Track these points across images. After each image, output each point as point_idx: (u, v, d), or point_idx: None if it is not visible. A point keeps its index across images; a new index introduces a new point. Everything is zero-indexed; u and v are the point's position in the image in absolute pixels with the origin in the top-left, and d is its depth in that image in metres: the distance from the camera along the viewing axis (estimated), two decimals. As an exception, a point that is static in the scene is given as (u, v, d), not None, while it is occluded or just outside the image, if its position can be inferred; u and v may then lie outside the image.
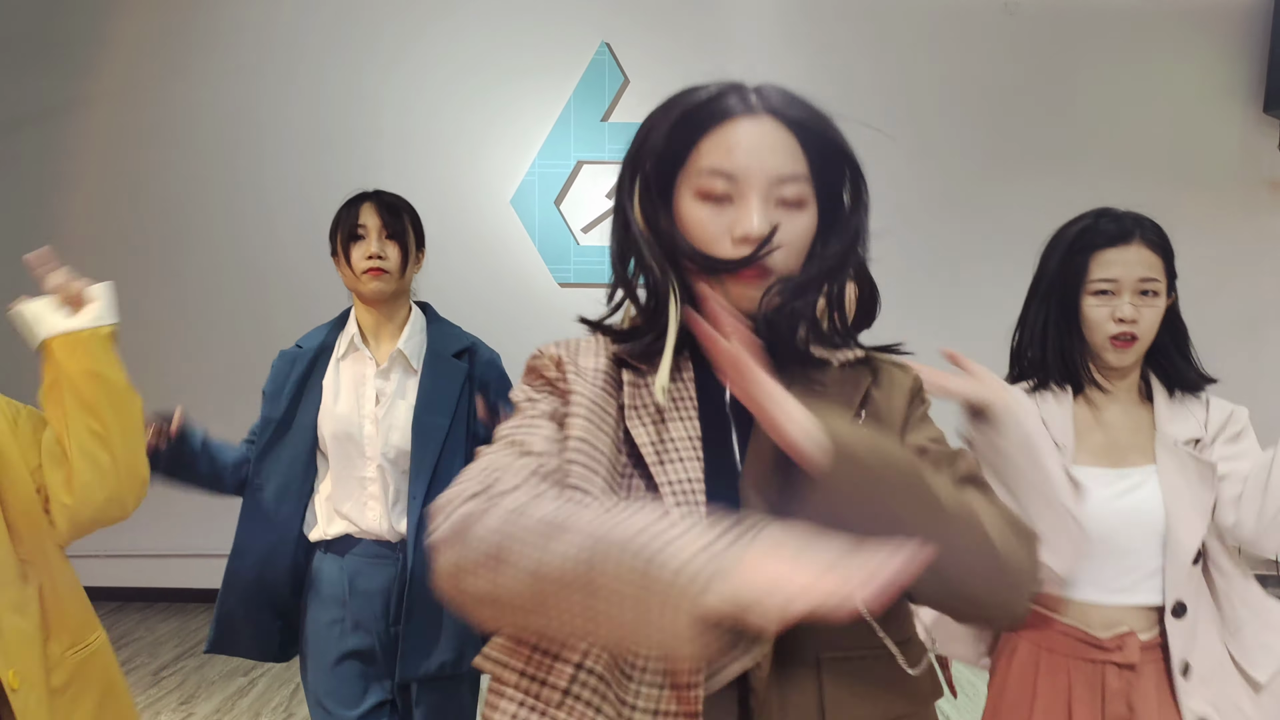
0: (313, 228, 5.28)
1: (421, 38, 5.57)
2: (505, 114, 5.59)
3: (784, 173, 1.13)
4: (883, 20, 5.61)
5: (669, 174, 1.17)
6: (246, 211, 5.57)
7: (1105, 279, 1.80)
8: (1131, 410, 1.89)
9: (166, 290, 5.49)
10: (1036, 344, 1.88)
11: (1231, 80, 5.63)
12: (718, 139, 1.14)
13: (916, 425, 1.20)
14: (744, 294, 1.13)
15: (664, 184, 1.17)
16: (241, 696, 4.15)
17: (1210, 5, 5.61)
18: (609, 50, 5.56)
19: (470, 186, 5.56)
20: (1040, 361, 1.88)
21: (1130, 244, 1.82)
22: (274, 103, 5.58)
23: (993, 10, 5.62)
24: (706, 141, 1.14)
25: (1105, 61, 5.65)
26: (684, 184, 1.16)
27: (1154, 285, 1.81)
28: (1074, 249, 1.84)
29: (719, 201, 1.13)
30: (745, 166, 1.12)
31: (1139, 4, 5.60)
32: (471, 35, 5.57)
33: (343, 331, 2.41)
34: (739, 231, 1.11)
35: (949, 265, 5.59)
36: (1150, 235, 1.84)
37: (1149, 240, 1.83)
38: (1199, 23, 5.63)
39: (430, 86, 5.58)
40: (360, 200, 2.36)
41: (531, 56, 5.57)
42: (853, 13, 5.60)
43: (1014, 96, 5.64)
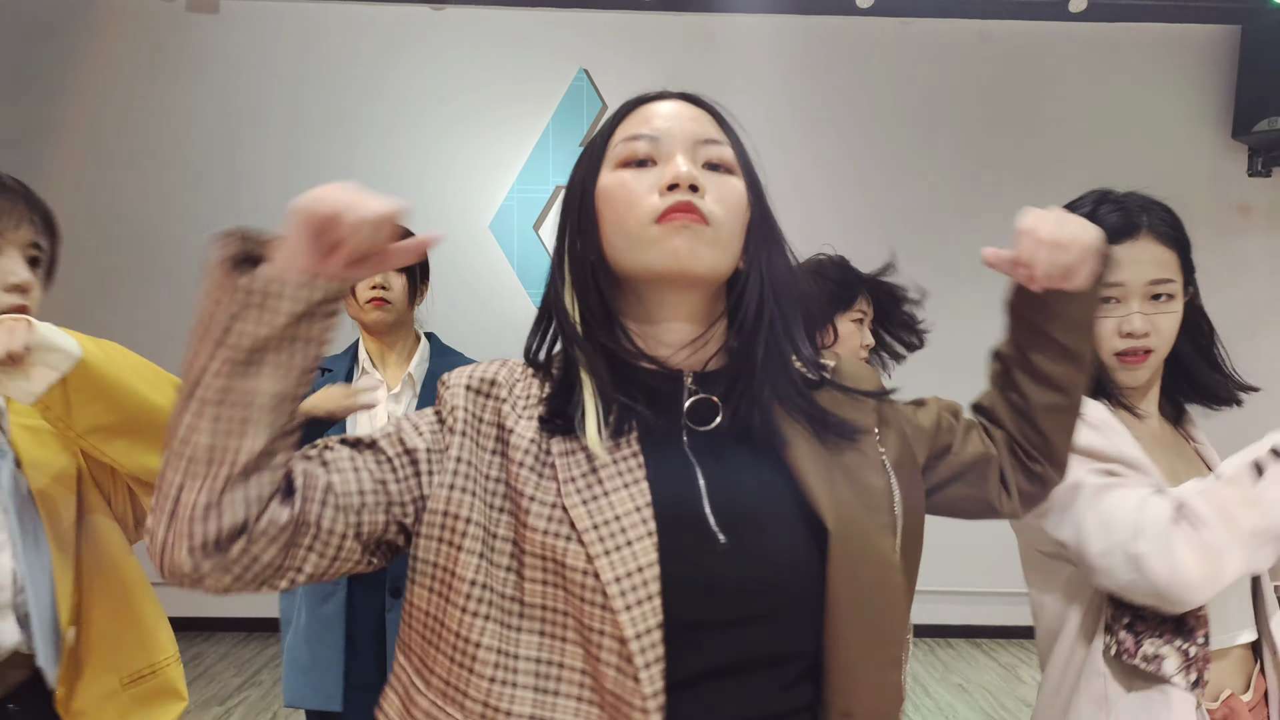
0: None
1: (401, 62, 5.61)
2: (484, 139, 5.63)
3: (708, 135, 1.08)
4: (859, 46, 5.69)
5: (589, 178, 1.11)
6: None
7: (1108, 284, 1.46)
8: (1166, 432, 1.62)
9: (141, 312, 5.45)
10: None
11: (1201, 106, 5.75)
12: (635, 116, 1.10)
13: (919, 409, 1.23)
14: (677, 252, 1.01)
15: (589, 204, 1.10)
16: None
17: (1180, 34, 5.73)
18: (587, 76, 5.61)
19: (449, 211, 5.58)
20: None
21: (1138, 238, 1.52)
22: (251, 126, 5.59)
23: (967, 37, 5.72)
24: (624, 124, 1.10)
25: (1077, 87, 5.75)
26: (603, 173, 1.09)
27: (1168, 288, 1.51)
28: None
29: (641, 165, 1.06)
30: (667, 129, 1.07)
31: (1110, 32, 5.71)
32: (450, 60, 5.62)
33: (355, 359, 2.47)
34: (667, 177, 1.03)
35: (926, 285, 5.65)
36: (1161, 225, 1.55)
37: (1159, 232, 1.54)
38: (1169, 51, 5.75)
39: (409, 111, 5.61)
40: None
41: (510, 82, 5.62)
42: (829, 38, 5.68)
43: (988, 121, 5.74)
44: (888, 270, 2.49)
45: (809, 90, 5.66)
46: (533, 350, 1.13)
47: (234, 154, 5.59)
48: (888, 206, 5.65)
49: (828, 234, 5.72)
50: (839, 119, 5.65)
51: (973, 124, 5.72)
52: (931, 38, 5.72)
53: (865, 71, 5.70)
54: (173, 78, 5.58)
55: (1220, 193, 5.75)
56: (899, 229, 5.56)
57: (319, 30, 5.60)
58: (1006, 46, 5.74)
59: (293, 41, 5.60)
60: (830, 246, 2.69)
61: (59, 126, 5.54)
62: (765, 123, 5.50)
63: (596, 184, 1.09)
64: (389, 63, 5.61)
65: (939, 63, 5.72)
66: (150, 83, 5.57)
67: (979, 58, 5.73)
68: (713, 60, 5.63)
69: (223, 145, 5.59)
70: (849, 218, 5.63)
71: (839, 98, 5.67)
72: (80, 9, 5.52)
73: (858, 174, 5.70)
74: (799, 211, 5.38)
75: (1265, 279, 5.77)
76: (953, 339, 4.65)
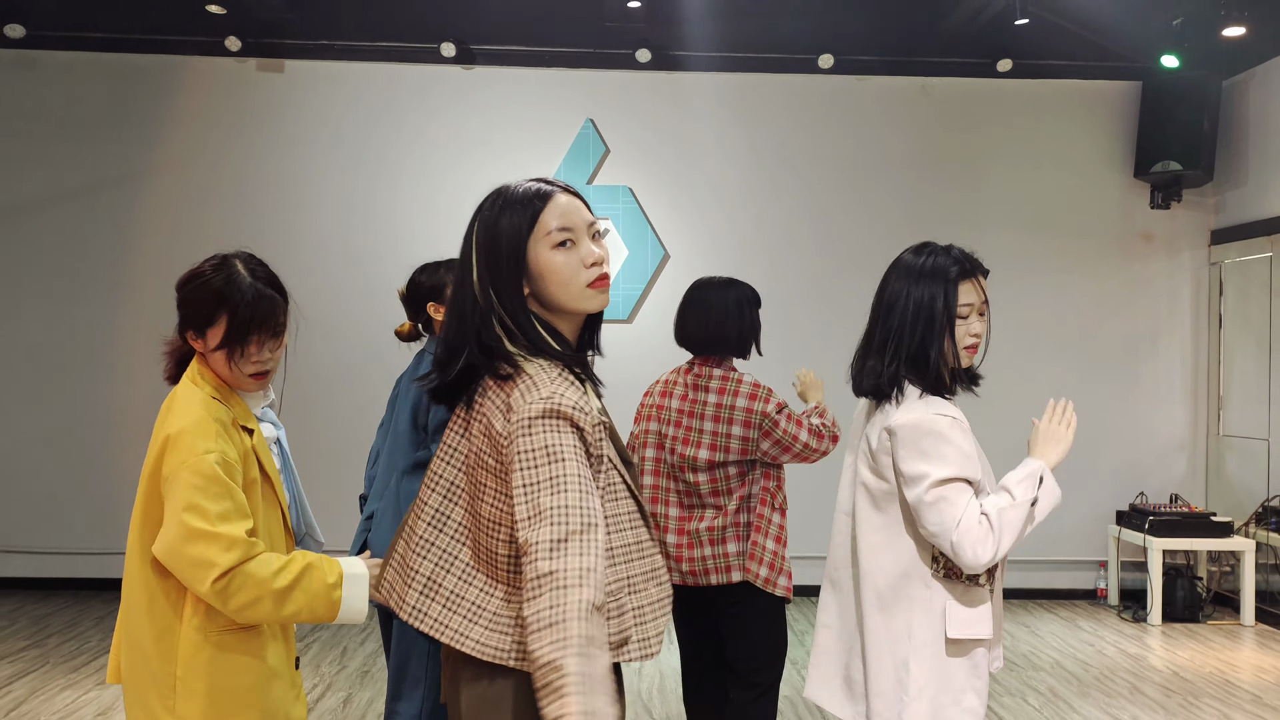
0: (344, 273, 6.32)
1: (436, 113, 6.61)
2: (506, 177, 6.57)
3: (590, 218, 1.73)
4: (815, 99, 6.69)
5: (520, 248, 1.67)
6: (289, 263, 6.54)
7: (962, 304, 2.27)
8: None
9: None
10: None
11: (1109, 150, 6.74)
12: (551, 208, 1.69)
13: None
14: (603, 301, 1.71)
15: (518, 256, 1.66)
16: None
17: (1091, 89, 6.74)
18: (593, 125, 6.62)
19: (477, 239, 6.58)
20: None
21: (977, 276, 2.31)
22: (313, 171, 6.58)
23: (911, 91, 6.73)
24: (544, 213, 1.68)
25: (1006, 134, 6.75)
26: (535, 248, 1.67)
27: (986, 307, 2.33)
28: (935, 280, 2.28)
29: (563, 244, 1.67)
30: (575, 221, 1.69)
31: (1034, 88, 6.72)
32: (478, 111, 6.61)
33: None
34: (590, 258, 1.68)
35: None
36: (982, 268, 2.32)
37: (983, 272, 2.32)
38: (1083, 104, 6.75)
39: (443, 154, 6.61)
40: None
41: (528, 131, 6.62)
42: (789, 93, 6.68)
43: (931, 162, 6.72)
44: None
45: (777, 136, 6.66)
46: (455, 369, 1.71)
47: (292, 193, 6.58)
48: (844, 237, 6.64)
49: (792, 262, 6.97)
50: (797, 160, 6.66)
51: (918, 165, 6.71)
52: (882, 92, 6.73)
53: (825, 120, 6.70)
54: (243, 127, 6.58)
55: (1126, 223, 6.75)
56: (855, 256, 6.58)
57: (366, 86, 6.61)
58: (946, 99, 6.75)
59: (344, 96, 6.61)
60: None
61: (150, 170, 6.52)
62: (738, 164, 6.95)
63: (532, 254, 1.68)
64: (425, 113, 6.61)
65: (888, 113, 6.73)
66: (224, 132, 6.56)
67: (923, 109, 6.74)
68: (695, 112, 6.62)
69: (283, 185, 6.57)
70: (810, 248, 6.64)
71: (802, 142, 6.67)
72: (170, 68, 6.52)
73: (817, 208, 6.68)
74: (765, 243, 6.86)
75: (1164, 295, 6.77)
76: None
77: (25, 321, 6.46)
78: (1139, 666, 5.21)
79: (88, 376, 6.45)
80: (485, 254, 1.67)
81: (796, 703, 4.53)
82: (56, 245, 6.47)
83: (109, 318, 6.45)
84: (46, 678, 4.72)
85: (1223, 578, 6.48)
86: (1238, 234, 6.50)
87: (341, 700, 4.49)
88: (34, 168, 6.47)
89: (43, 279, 6.46)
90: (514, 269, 1.66)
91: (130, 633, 1.97)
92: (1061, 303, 6.68)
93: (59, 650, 5.16)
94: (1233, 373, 6.61)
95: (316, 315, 6.43)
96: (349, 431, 6.35)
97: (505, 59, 6.61)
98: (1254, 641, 5.72)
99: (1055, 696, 4.71)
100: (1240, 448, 6.49)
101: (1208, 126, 6.34)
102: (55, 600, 6.17)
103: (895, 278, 2.34)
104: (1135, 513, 6.32)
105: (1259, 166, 6.38)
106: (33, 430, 6.44)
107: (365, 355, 6.34)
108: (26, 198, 6.47)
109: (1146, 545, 6.10)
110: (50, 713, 4.26)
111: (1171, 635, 5.83)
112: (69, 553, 6.40)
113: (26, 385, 6.46)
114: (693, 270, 6.49)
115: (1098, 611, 6.37)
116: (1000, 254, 6.67)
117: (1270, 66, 6.27)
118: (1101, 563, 6.66)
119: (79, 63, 6.49)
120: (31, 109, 6.47)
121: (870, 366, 2.33)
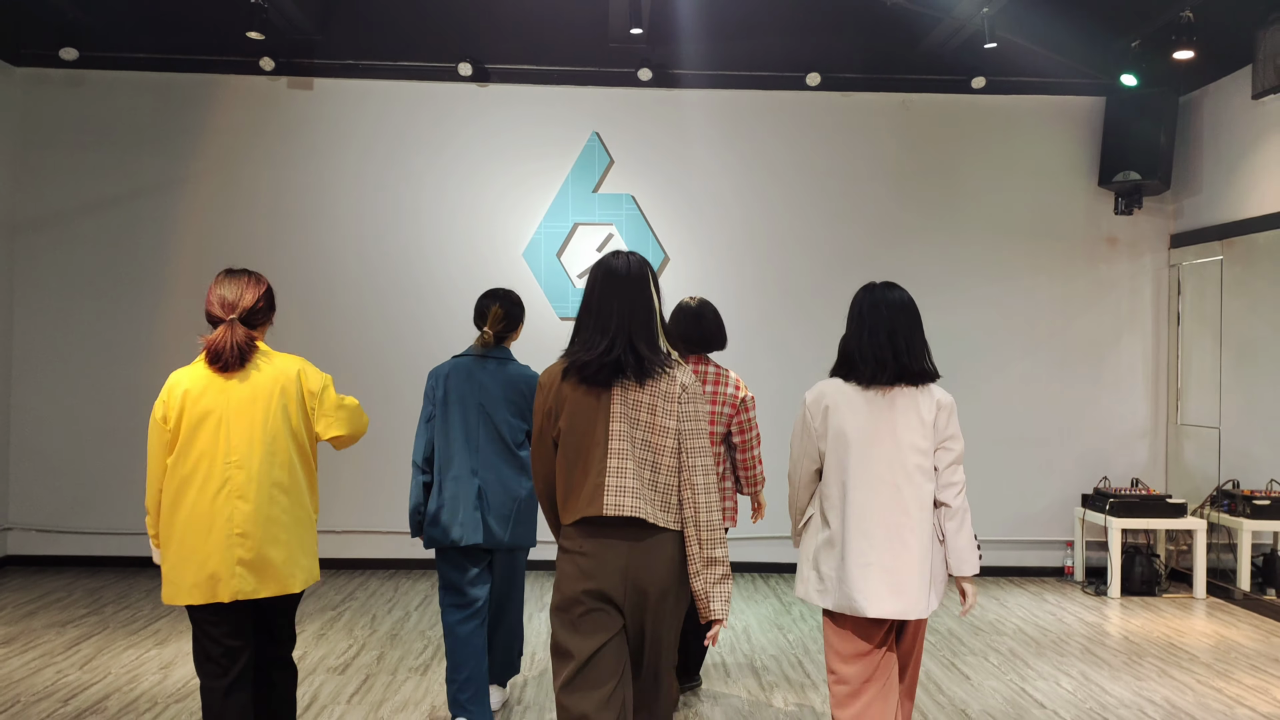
0: (369, 275, 6.87)
1: (454, 127, 7.15)
2: (519, 187, 7.17)
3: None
4: (803, 114, 7.23)
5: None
6: (314, 264, 7.11)
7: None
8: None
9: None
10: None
11: (1075, 160, 7.28)
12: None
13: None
14: None
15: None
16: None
17: (1059, 104, 7.27)
18: (599, 138, 7.16)
19: (492, 243, 7.14)
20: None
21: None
22: (341, 180, 7.13)
23: (892, 107, 7.27)
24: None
25: (980, 145, 7.28)
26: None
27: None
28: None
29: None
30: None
31: (1005, 102, 7.26)
32: (492, 126, 7.16)
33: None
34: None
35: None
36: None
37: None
38: (1051, 119, 7.29)
39: (460, 165, 7.15)
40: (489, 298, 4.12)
41: (539, 143, 7.16)
42: (779, 108, 7.22)
43: (911, 172, 7.26)
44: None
45: (768, 148, 7.21)
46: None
47: (319, 200, 7.12)
48: (830, 241, 7.19)
49: (785, 263, 7.50)
50: (787, 172, 7.21)
51: (898, 175, 7.25)
52: (865, 107, 7.26)
53: (813, 133, 7.24)
54: (274, 140, 7.12)
55: (1092, 228, 7.28)
56: (840, 258, 7.13)
57: (390, 103, 7.14)
58: (925, 114, 7.28)
59: (369, 111, 7.15)
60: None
61: (186, 179, 7.07)
62: (732, 173, 7.65)
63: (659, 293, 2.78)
64: (445, 128, 7.15)
65: (871, 127, 7.26)
66: (256, 144, 7.11)
67: (903, 123, 7.27)
68: (692, 125, 7.17)
69: (311, 193, 7.12)
70: (798, 251, 7.18)
71: (791, 153, 7.21)
72: (207, 86, 7.07)
73: (805, 214, 7.23)
74: (757, 246, 7.57)
75: (1127, 295, 7.30)
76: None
77: (76, 318, 7.01)
78: (1094, 633, 5.75)
79: (131, 368, 6.99)
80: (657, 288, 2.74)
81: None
82: (104, 247, 7.01)
83: (151, 314, 7.00)
84: (109, 639, 5.27)
85: (1180, 556, 7.02)
86: (1194, 238, 7.04)
87: (375, 657, 5.04)
88: (84, 177, 7.02)
89: (91, 278, 7.01)
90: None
91: (283, 512, 3.12)
92: (1032, 302, 7.22)
93: (116, 617, 5.71)
94: (1190, 366, 7.14)
95: (340, 313, 6.99)
96: (368, 412, 6.92)
97: (518, 77, 7.15)
98: (1203, 612, 6.26)
99: (1013, 656, 5.25)
100: (1196, 436, 7.03)
101: (1165, 140, 6.87)
102: (105, 576, 6.73)
103: (903, 308, 3.08)
104: (1098, 495, 6.86)
105: (1212, 176, 6.91)
106: (81, 419, 6.99)
107: (386, 350, 6.91)
108: (77, 204, 7.02)
109: (1107, 525, 6.64)
110: (119, 666, 4.82)
111: (1128, 607, 6.37)
112: (116, 533, 6.96)
113: (76, 377, 7.01)
114: (691, 272, 7.06)
115: (1064, 587, 6.91)
116: (975, 257, 7.26)
117: (1221, 85, 6.80)
118: (1068, 542, 7.20)
119: (124, 81, 7.03)
120: (82, 123, 7.02)
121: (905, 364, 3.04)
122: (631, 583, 2.59)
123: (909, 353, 3.03)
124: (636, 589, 2.59)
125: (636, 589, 2.59)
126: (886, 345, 3.01)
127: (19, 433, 6.97)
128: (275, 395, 3.15)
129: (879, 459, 2.97)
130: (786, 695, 4.57)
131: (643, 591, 2.60)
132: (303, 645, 5.17)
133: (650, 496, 2.60)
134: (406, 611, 5.95)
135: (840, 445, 3.01)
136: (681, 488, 2.64)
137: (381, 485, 6.97)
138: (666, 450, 2.63)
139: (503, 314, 4.03)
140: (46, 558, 6.96)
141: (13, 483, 6.97)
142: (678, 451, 2.63)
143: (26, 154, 6.99)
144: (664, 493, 2.62)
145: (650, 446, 2.62)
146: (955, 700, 4.54)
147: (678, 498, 2.64)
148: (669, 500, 2.63)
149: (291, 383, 3.20)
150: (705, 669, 4.92)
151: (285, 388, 3.18)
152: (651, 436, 2.63)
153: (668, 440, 2.63)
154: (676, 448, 2.63)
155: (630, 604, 2.61)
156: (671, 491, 2.63)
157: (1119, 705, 4.49)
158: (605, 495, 2.57)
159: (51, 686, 4.50)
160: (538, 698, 4.48)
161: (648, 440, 2.63)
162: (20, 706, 4.23)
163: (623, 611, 2.62)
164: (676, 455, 2.63)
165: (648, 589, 2.60)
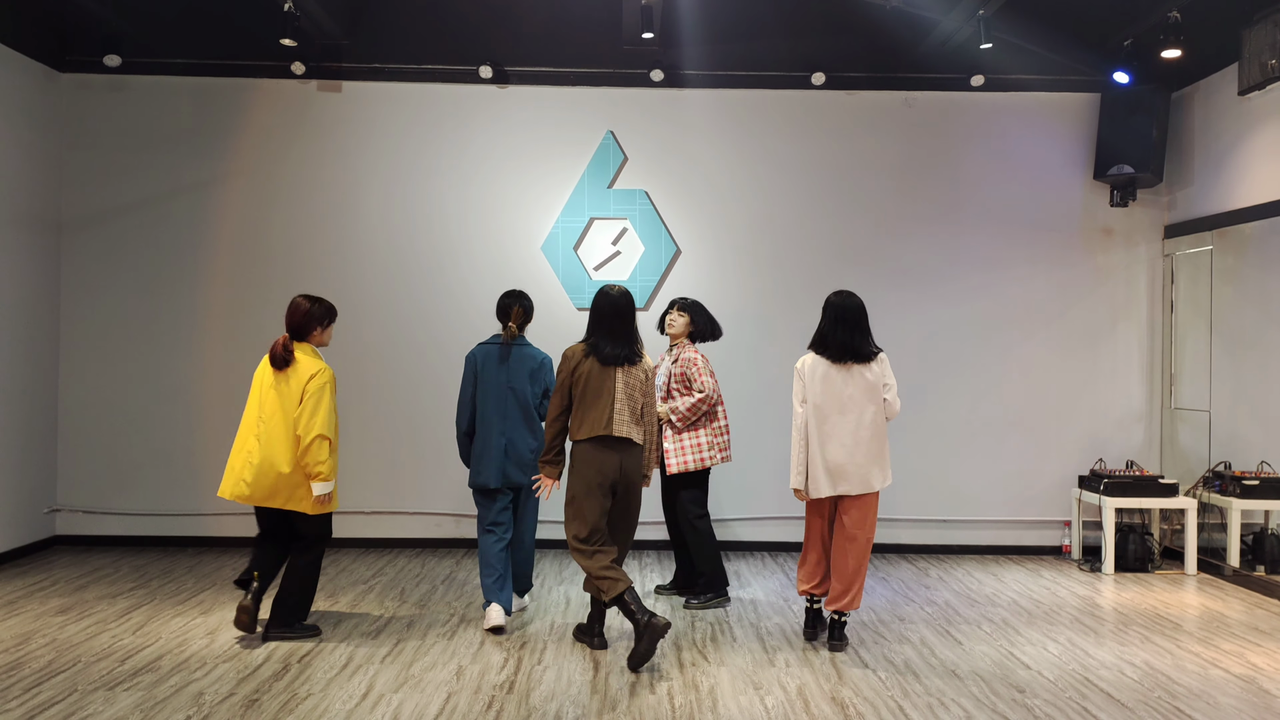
0: (397, 268, 7.23)
1: (476, 127, 7.49)
2: (538, 184, 7.51)
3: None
4: (809, 112, 7.53)
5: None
6: (343, 258, 7.47)
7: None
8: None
9: (278, 308, 7.36)
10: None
11: (1072, 154, 7.55)
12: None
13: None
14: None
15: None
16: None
17: (1055, 100, 7.54)
18: (613, 137, 7.48)
19: (514, 237, 7.48)
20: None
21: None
22: (369, 178, 7.48)
23: (895, 104, 7.56)
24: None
25: (980, 140, 7.57)
26: None
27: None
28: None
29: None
30: None
31: (1004, 98, 7.53)
32: (512, 125, 7.49)
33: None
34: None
35: (866, 294, 7.48)
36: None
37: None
38: (1048, 112, 7.56)
39: (483, 164, 7.50)
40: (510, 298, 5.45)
41: (556, 141, 7.49)
42: (786, 106, 7.52)
43: (911, 169, 7.55)
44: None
45: (775, 145, 7.52)
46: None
47: (347, 197, 7.48)
48: (836, 234, 7.48)
49: (794, 254, 7.85)
50: (798, 166, 7.51)
51: (901, 170, 7.54)
52: (869, 105, 7.56)
53: (819, 130, 7.54)
54: (304, 140, 7.48)
55: (1089, 219, 7.55)
56: (845, 250, 7.44)
57: (415, 104, 7.49)
58: (926, 111, 7.57)
59: (395, 112, 7.50)
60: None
61: (222, 178, 7.44)
62: (741, 169, 8.10)
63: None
64: (467, 128, 7.50)
65: (875, 123, 7.56)
66: (288, 145, 7.47)
67: (906, 119, 7.56)
68: (703, 123, 7.48)
69: (340, 190, 7.47)
70: (806, 243, 7.49)
71: (798, 150, 7.52)
72: (241, 90, 7.44)
73: (812, 208, 7.53)
74: (766, 239, 8.03)
75: (1123, 284, 7.57)
76: (887, 326, 6.64)
77: (119, 312, 7.40)
78: (1085, 605, 6.05)
79: (171, 359, 7.38)
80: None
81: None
82: (144, 244, 7.40)
83: (190, 307, 7.38)
84: (157, 609, 5.65)
85: (1173, 534, 7.29)
86: (1187, 229, 7.30)
87: (405, 624, 5.40)
88: (126, 176, 7.40)
89: (133, 274, 7.40)
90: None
91: (281, 453, 4.85)
92: (1031, 291, 7.50)
93: (162, 590, 6.10)
94: (1184, 352, 7.41)
95: (370, 303, 7.35)
96: (395, 399, 7.31)
97: (536, 79, 7.48)
98: (1193, 587, 6.54)
99: (1005, 625, 5.56)
100: (1189, 419, 7.30)
101: (1157, 135, 7.13)
102: (148, 554, 7.13)
103: (858, 310, 5.02)
104: (1093, 476, 7.14)
105: (1203, 169, 7.17)
106: (124, 407, 7.39)
107: (414, 338, 7.27)
108: (120, 202, 7.41)
109: (1101, 504, 6.93)
110: (169, 631, 5.19)
111: (1121, 582, 6.66)
112: (157, 514, 7.36)
113: (119, 368, 7.40)
114: (701, 263, 7.39)
115: (1061, 564, 7.20)
116: (975, 248, 7.55)
117: (1211, 81, 7.06)
118: (1066, 522, 7.49)
119: (163, 86, 7.42)
120: (124, 127, 7.41)
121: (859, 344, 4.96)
122: (623, 473, 4.77)
123: (861, 341, 4.95)
124: (625, 476, 4.78)
125: (625, 476, 4.78)
126: (847, 338, 4.91)
127: (66, 420, 7.38)
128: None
129: (845, 404, 4.93)
130: (788, 656, 4.90)
131: (629, 478, 4.81)
132: (337, 614, 5.55)
133: (635, 428, 4.79)
134: (434, 585, 6.31)
135: (816, 393, 4.94)
136: (646, 422, 4.86)
137: (409, 469, 7.34)
138: (640, 401, 4.81)
139: (522, 312, 5.40)
140: (93, 537, 7.37)
141: (61, 467, 7.37)
142: (646, 403, 4.84)
143: (72, 156, 7.39)
144: (642, 425, 4.85)
145: (633, 399, 4.79)
146: (946, 662, 4.85)
147: (644, 427, 4.85)
148: (642, 429, 4.84)
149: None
150: (714, 636, 5.25)
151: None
152: (635, 394, 4.80)
153: (642, 396, 4.83)
154: (645, 400, 4.83)
155: (621, 486, 4.80)
156: (642, 424, 4.85)
157: (1100, 666, 4.79)
158: (614, 424, 4.72)
159: (108, 649, 4.87)
160: (556, 658, 4.83)
161: (633, 395, 4.79)
162: (82, 665, 4.61)
163: (615, 490, 4.78)
164: (644, 404, 4.82)
165: (632, 476, 4.83)
